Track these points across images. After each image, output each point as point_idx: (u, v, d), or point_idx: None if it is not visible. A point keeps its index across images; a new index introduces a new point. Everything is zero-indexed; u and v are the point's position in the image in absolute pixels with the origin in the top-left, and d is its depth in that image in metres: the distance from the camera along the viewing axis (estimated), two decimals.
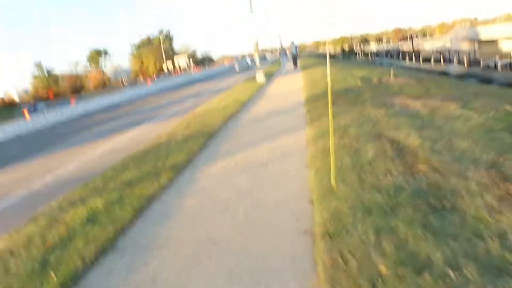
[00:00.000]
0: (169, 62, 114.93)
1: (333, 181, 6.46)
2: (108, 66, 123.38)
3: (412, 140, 8.45)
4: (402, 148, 8.00)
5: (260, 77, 33.91)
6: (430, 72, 33.57)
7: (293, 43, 44.37)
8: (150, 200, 7.63)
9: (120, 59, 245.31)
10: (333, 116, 10.26)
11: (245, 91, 26.11)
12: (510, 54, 52.96)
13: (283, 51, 67.16)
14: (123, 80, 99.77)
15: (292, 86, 26.15)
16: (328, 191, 6.28)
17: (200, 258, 5.20)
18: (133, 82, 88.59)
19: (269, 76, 38.28)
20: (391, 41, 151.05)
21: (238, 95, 24.55)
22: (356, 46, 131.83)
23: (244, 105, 20.20)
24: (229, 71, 74.45)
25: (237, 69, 74.77)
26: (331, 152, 6.66)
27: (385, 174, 6.60)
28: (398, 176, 6.40)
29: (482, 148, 7.73)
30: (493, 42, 66.18)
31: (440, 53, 59.25)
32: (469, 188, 5.73)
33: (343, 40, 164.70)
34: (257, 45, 35.12)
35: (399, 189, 5.91)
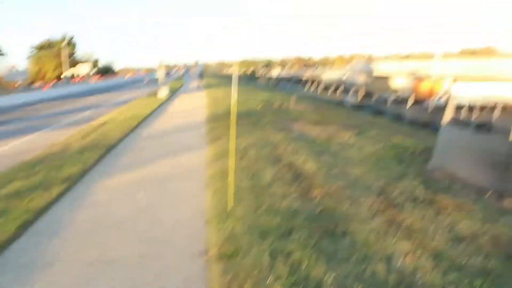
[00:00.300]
0: (71, 69, 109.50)
1: (230, 203, 6.47)
2: (1, 65, 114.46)
3: (309, 165, 8.77)
4: (299, 173, 8.26)
5: (163, 93, 33.50)
6: (328, 101, 35.35)
7: (198, 62, 44.52)
8: (38, 213, 7.07)
9: (19, 61, 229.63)
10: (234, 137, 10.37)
11: (148, 105, 25.57)
12: (399, 89, 57.26)
13: (187, 69, 67.19)
14: (17, 83, 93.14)
15: (195, 104, 26.15)
16: (226, 212, 6.27)
17: (90, 279, 4.89)
18: (28, 86, 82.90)
19: (173, 92, 37.93)
20: (293, 68, 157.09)
21: (140, 109, 23.96)
22: (260, 70, 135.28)
23: (145, 119, 19.73)
24: (132, 84, 72.61)
25: (144, 82, 73.28)
26: (230, 174, 6.69)
27: (282, 197, 6.75)
28: (295, 200, 6.58)
29: (373, 176, 8.23)
30: (385, 78, 71.34)
31: (338, 83, 62.63)
32: (360, 214, 6.05)
33: (247, 63, 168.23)
34: (161, 61, 34.75)
35: (295, 213, 6.07)
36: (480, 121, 18.02)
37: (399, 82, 60.79)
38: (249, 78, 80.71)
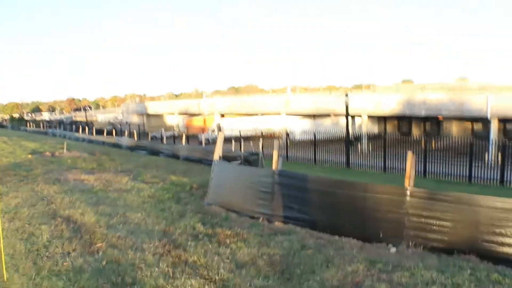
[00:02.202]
0: None
1: (4, 273, 5.83)
2: None
3: (88, 217, 8.47)
4: (79, 227, 7.91)
5: None
6: (103, 143, 34.51)
7: None
8: None
9: None
10: (1, 196, 9.40)
11: None
12: (173, 127, 59.38)
13: None
14: None
15: None
16: (1, 285, 5.61)
17: None
18: None
19: None
20: (64, 111, 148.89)
21: None
22: (27, 114, 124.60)
23: None
24: None
25: None
26: (1, 239, 6.06)
27: (63, 256, 6.37)
28: (77, 257, 6.28)
29: (154, 219, 8.38)
30: (159, 116, 73.09)
31: (113, 125, 61.70)
32: (146, 260, 6.11)
33: (12, 106, 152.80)
34: None
35: (80, 271, 5.80)
36: (247, 154, 19.86)
37: (173, 120, 62.99)
38: (16, 124, 73.40)
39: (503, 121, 32.67)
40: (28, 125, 70.69)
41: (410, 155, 7.14)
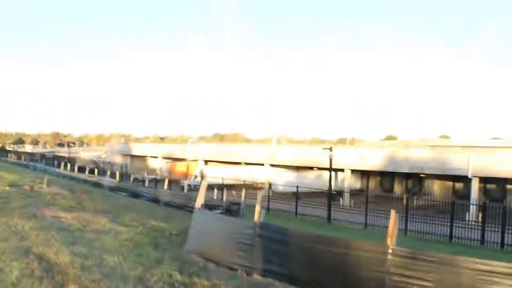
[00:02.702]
0: None
1: None
2: None
3: (63, 256, 8.23)
4: (52, 266, 7.67)
5: None
6: (85, 181, 33.98)
7: None
8: None
9: None
10: None
11: None
12: (156, 170, 59.04)
13: None
14: None
15: None
16: None
17: None
18: None
19: None
20: (47, 145, 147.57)
21: None
22: (9, 145, 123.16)
23: None
24: None
25: None
26: None
27: None
28: None
29: (131, 263, 8.17)
30: (143, 158, 72.81)
31: (96, 163, 61.14)
32: None
33: None
34: None
35: None
36: (229, 203, 19.74)
37: (156, 163, 62.63)
38: None
39: (484, 180, 33.22)
40: (9, 156, 69.69)
41: (393, 214, 7.16)
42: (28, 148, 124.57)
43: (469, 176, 31.26)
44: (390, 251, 6.89)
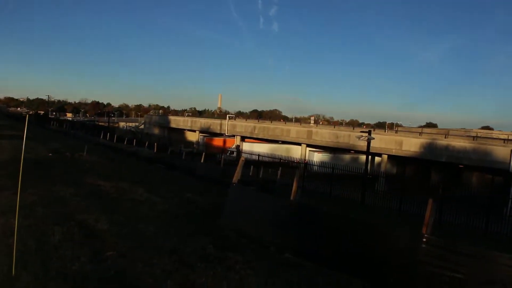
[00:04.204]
0: None
1: (13, 268, 5.83)
2: None
3: (101, 224, 8.49)
4: (91, 232, 7.93)
5: None
6: (123, 151, 34.71)
7: None
8: None
9: None
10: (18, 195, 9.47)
11: None
12: (193, 143, 59.78)
13: None
14: None
15: None
16: (8, 280, 5.61)
17: None
18: None
19: None
20: (88, 114, 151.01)
21: None
22: (52, 112, 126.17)
23: None
24: None
25: None
26: (15, 235, 6.06)
27: (72, 260, 6.37)
28: (87, 263, 6.27)
29: (165, 234, 8.34)
30: (180, 131, 73.81)
31: (134, 134, 62.30)
32: (154, 275, 6.07)
33: (38, 103, 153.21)
34: None
35: (87, 276, 5.78)
36: (264, 180, 19.79)
37: (193, 137, 63.20)
38: (40, 121, 74.27)
39: None
40: (51, 124, 71.64)
41: (430, 203, 7.03)
42: (69, 116, 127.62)
43: (510, 170, 30.26)
44: (424, 240, 6.80)
